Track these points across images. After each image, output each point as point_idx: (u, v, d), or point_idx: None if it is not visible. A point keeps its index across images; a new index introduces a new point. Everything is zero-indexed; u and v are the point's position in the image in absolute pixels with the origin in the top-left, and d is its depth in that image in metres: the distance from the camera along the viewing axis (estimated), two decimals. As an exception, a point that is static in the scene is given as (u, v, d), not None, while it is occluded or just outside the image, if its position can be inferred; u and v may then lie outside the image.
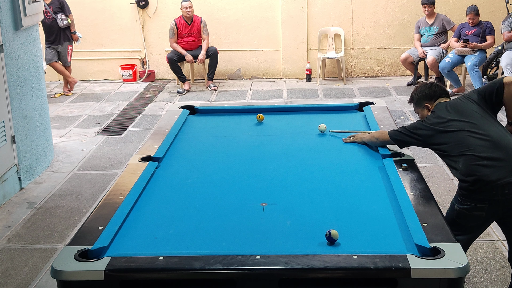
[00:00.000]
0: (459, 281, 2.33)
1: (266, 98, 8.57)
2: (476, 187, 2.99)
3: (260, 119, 4.34)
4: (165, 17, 9.45)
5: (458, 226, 3.06)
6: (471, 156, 3.01)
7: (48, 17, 8.44)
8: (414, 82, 8.92)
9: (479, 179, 2.96)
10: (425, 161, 5.69)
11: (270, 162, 3.58)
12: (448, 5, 9.19)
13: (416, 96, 3.47)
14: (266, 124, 4.36)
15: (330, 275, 2.38)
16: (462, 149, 3.05)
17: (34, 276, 4.00)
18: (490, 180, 2.94)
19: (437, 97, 3.39)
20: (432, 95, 3.40)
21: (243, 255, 2.41)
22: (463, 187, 3.06)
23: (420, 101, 3.44)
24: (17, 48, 5.45)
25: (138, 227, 2.78)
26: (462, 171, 3.03)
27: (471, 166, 2.99)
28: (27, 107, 5.62)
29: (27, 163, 5.56)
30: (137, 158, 3.56)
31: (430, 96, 3.40)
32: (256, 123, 4.35)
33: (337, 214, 2.85)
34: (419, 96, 3.45)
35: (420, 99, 3.44)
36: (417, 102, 3.47)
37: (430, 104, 3.38)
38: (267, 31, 9.51)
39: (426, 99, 3.41)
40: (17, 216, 4.91)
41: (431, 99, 3.40)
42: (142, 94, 8.95)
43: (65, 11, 8.59)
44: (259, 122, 4.34)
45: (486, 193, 2.98)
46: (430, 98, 3.40)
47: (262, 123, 4.34)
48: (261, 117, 4.34)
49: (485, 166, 2.96)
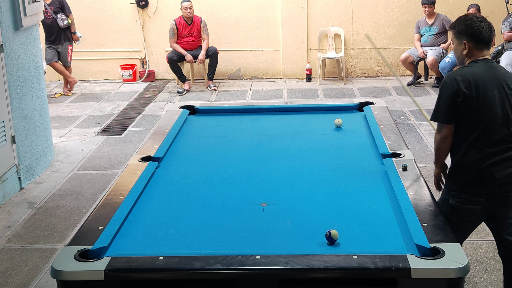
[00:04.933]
0: (459, 281, 2.33)
1: (266, 98, 8.56)
2: (477, 181, 2.98)
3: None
4: (165, 17, 9.45)
5: (450, 224, 3.05)
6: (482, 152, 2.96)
7: (49, 17, 8.44)
8: (414, 82, 8.92)
9: (484, 176, 2.96)
10: (425, 161, 5.69)
11: (270, 162, 3.59)
12: (448, 5, 9.19)
13: (460, 27, 3.03)
14: (266, 124, 4.36)
15: (330, 275, 2.38)
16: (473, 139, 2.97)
17: (34, 276, 4.00)
18: (494, 176, 2.95)
19: (481, 45, 3.00)
20: (477, 40, 2.99)
21: (243, 255, 2.41)
22: (461, 180, 3.03)
23: (461, 34, 3.03)
24: (17, 48, 5.45)
25: (138, 227, 2.78)
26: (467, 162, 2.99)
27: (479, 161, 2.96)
28: (27, 107, 5.62)
29: (27, 163, 5.56)
30: (137, 158, 3.56)
31: (476, 39, 2.99)
32: (256, 123, 4.35)
33: (337, 214, 2.85)
34: (461, 30, 3.02)
35: (462, 32, 3.02)
36: (458, 33, 3.04)
37: (469, 45, 3.00)
38: (267, 31, 9.51)
39: (467, 37, 3.00)
40: (17, 216, 4.91)
41: (474, 42, 3.00)
42: (142, 94, 8.95)
43: (66, 11, 8.59)
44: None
45: (486, 187, 2.98)
46: (475, 40, 2.99)
47: (261, 125, 4.34)
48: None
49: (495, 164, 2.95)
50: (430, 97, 8.19)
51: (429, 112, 3.36)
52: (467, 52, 3.02)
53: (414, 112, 7.39)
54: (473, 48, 3.00)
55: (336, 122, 4.14)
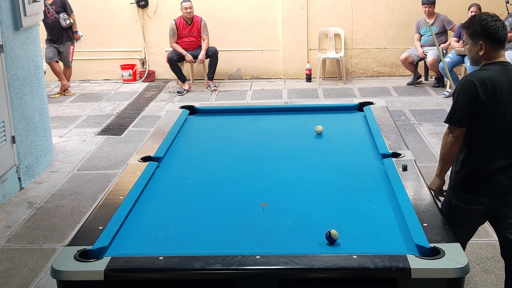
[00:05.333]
0: (459, 281, 2.33)
1: (266, 98, 8.56)
2: (482, 183, 2.98)
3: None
4: (165, 17, 9.45)
5: (453, 225, 3.05)
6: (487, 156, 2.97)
7: (51, 17, 8.46)
8: (414, 82, 8.92)
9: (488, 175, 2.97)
10: (425, 161, 5.69)
11: (270, 162, 3.58)
12: (448, 5, 9.19)
13: (475, 28, 2.93)
14: (266, 124, 4.36)
15: (330, 275, 2.38)
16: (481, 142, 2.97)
17: (34, 276, 4.00)
18: (500, 180, 2.96)
19: (497, 44, 2.92)
20: (494, 39, 2.90)
21: (243, 255, 2.41)
22: (466, 181, 3.03)
23: (477, 35, 2.94)
24: (17, 48, 5.44)
25: (138, 227, 2.78)
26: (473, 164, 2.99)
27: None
28: (27, 107, 5.62)
29: (27, 163, 5.56)
30: (137, 158, 3.56)
31: (492, 39, 2.90)
32: (256, 123, 4.35)
33: (337, 214, 2.85)
34: (477, 30, 2.92)
35: (478, 33, 2.92)
36: (473, 33, 2.95)
37: (486, 45, 2.92)
38: (267, 31, 9.51)
39: (483, 37, 2.91)
40: (17, 216, 4.91)
41: (490, 42, 2.91)
42: (142, 94, 8.95)
43: (67, 10, 8.61)
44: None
45: (490, 189, 2.98)
46: (491, 41, 2.91)
47: (261, 125, 4.34)
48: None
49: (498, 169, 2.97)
50: (430, 97, 8.19)
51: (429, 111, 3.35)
52: (483, 53, 2.94)
53: (414, 112, 7.39)
54: (489, 48, 2.92)
55: (316, 129, 4.00)
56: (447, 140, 3.00)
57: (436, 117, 7.12)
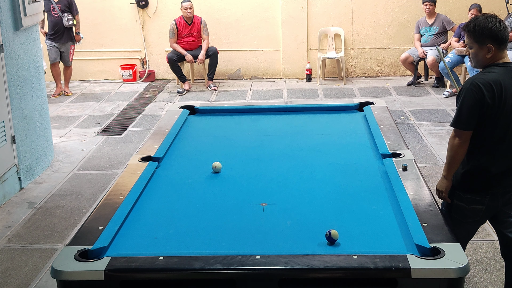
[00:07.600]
0: (459, 281, 2.33)
1: (266, 98, 8.56)
2: (483, 185, 2.99)
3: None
4: (165, 17, 9.45)
5: (454, 225, 3.05)
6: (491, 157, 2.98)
7: (55, 15, 8.48)
8: (414, 82, 8.92)
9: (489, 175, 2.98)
10: (425, 161, 5.69)
11: (270, 162, 3.58)
12: (448, 5, 9.19)
13: (481, 30, 2.86)
14: (266, 124, 4.36)
15: (330, 275, 2.38)
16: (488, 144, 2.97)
17: (34, 276, 4.00)
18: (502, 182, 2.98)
19: (503, 45, 2.87)
20: (500, 41, 2.85)
21: (243, 255, 2.41)
22: (468, 183, 3.04)
23: (483, 37, 2.87)
24: (17, 48, 5.44)
25: (138, 227, 2.78)
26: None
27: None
28: (27, 107, 5.62)
29: (27, 163, 5.56)
30: (137, 158, 3.56)
31: (499, 41, 2.85)
32: (256, 123, 4.35)
33: (337, 214, 2.85)
34: (483, 33, 2.85)
35: (484, 35, 2.86)
36: (480, 36, 2.88)
37: (494, 48, 2.87)
38: (267, 31, 9.51)
39: (490, 39, 2.86)
40: (17, 216, 4.91)
41: (497, 44, 2.85)
42: (142, 94, 8.95)
43: (73, 11, 8.64)
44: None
45: (490, 187, 2.99)
46: (498, 42, 2.85)
47: (261, 125, 4.34)
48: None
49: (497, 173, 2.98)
50: (430, 97, 8.18)
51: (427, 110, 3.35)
52: (491, 55, 2.90)
53: (414, 112, 7.39)
54: (496, 50, 2.89)
55: (213, 166, 3.41)
56: (454, 144, 2.98)
57: (436, 117, 7.12)
